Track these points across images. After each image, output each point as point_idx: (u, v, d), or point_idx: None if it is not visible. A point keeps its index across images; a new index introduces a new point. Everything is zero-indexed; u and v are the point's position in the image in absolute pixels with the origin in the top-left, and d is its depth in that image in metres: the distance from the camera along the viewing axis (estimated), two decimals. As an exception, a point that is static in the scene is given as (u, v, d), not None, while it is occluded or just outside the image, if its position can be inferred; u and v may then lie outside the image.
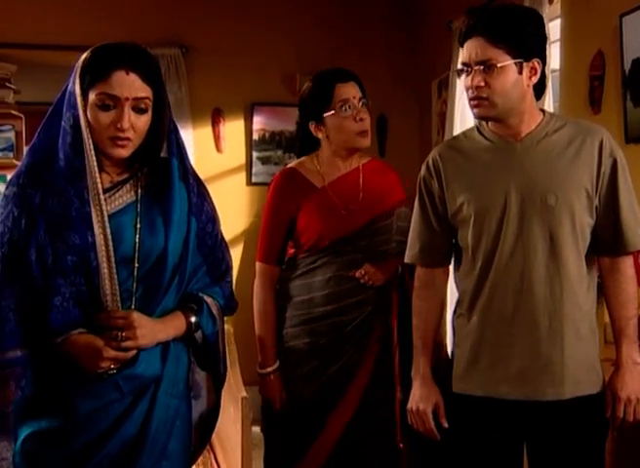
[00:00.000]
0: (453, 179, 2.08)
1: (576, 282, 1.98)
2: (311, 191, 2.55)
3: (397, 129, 5.17)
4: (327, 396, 2.50)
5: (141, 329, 1.76)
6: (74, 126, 1.78)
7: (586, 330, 2.00)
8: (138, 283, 1.81)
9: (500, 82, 1.94)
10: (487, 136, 2.06)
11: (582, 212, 1.98)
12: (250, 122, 5.05)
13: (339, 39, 5.05)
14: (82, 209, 1.77)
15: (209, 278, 1.94)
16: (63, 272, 1.74)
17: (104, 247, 1.77)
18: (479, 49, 1.95)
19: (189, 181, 1.90)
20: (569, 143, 1.99)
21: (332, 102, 2.52)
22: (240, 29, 4.98)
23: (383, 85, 4.99)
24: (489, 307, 2.02)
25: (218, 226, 1.98)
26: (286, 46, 5.00)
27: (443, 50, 4.50)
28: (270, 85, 5.01)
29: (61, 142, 1.79)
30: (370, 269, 2.50)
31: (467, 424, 2.08)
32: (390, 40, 5.16)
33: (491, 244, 2.01)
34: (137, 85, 1.77)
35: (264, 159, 5.05)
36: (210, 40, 4.96)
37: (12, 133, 4.86)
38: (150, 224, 1.83)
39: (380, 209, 2.57)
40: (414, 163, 5.21)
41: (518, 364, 1.99)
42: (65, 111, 1.80)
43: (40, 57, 4.98)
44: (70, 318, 1.75)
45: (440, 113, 4.73)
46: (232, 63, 4.98)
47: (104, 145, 1.78)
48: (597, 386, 2.01)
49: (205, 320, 1.88)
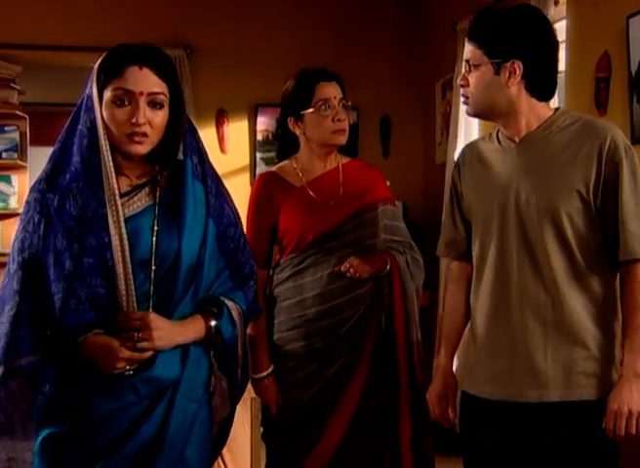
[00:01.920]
0: (466, 179, 2.14)
1: (565, 286, 1.94)
2: (290, 191, 2.56)
3: (401, 130, 5.17)
4: (325, 398, 2.50)
5: (158, 330, 1.75)
6: (91, 127, 1.79)
7: (586, 335, 1.95)
8: (155, 286, 1.80)
9: (475, 81, 2.00)
10: (499, 137, 2.09)
11: (575, 215, 1.94)
12: (254, 123, 5.05)
13: (343, 40, 5.06)
14: (98, 210, 1.77)
15: (232, 282, 1.93)
16: (80, 275, 1.74)
17: (120, 248, 1.76)
18: (467, 49, 2.04)
19: (207, 183, 1.88)
20: (569, 144, 1.97)
21: (312, 101, 2.53)
22: (244, 30, 4.99)
23: (387, 86, 5.01)
24: (478, 306, 2.07)
25: (240, 229, 1.96)
26: (290, 47, 4.99)
27: (448, 51, 4.50)
28: (274, 86, 4.93)
29: (78, 145, 1.80)
30: (354, 261, 2.48)
31: (466, 421, 2.11)
32: (395, 41, 5.16)
33: (480, 245, 2.07)
34: (151, 80, 1.78)
35: (268, 160, 5.03)
36: (214, 41, 4.97)
37: (16, 133, 4.87)
38: (167, 227, 1.82)
39: (361, 202, 2.57)
40: (417, 163, 5.26)
41: (502, 364, 2.00)
42: (83, 114, 1.81)
43: (44, 57, 4.99)
44: (85, 320, 1.75)
45: (444, 114, 4.74)
46: (236, 64, 4.98)
47: (122, 143, 1.78)
48: (595, 392, 1.94)
49: (225, 324, 1.86)
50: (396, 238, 2.64)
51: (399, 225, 2.68)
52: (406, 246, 2.65)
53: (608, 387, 1.93)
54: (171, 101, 1.81)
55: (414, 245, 2.70)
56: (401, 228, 2.68)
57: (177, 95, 1.83)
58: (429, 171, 5.08)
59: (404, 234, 2.68)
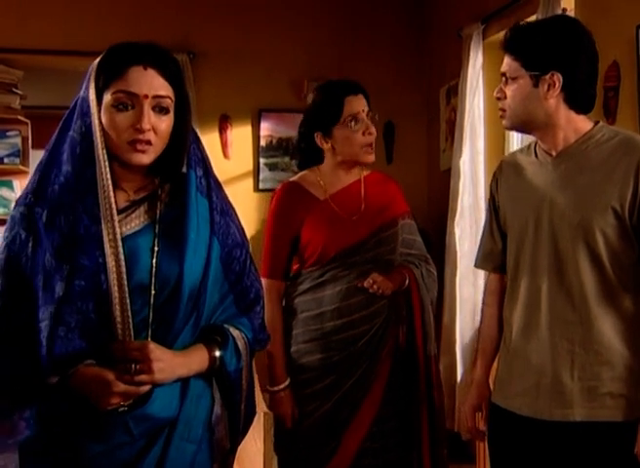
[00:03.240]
0: (503, 191, 2.12)
1: (595, 304, 1.91)
2: (314, 204, 2.55)
3: (405, 135, 5.15)
4: (342, 411, 2.50)
5: (158, 362, 1.55)
6: (85, 134, 1.59)
7: (614, 355, 1.91)
8: (154, 312, 1.60)
9: (512, 93, 1.97)
10: (536, 150, 2.07)
11: (609, 232, 1.90)
12: (257, 128, 5.02)
13: (347, 45, 5.04)
14: (91, 227, 1.58)
15: (236, 308, 1.73)
16: (70, 299, 1.55)
17: (116, 270, 1.57)
18: (505, 62, 2.01)
19: (212, 199, 1.69)
20: (606, 160, 1.94)
21: (341, 116, 2.52)
22: (248, 35, 4.97)
23: (391, 91, 4.98)
24: (511, 320, 2.06)
25: (246, 250, 1.77)
26: (294, 52, 4.98)
27: (452, 57, 4.49)
28: (278, 91, 4.99)
29: (70, 153, 1.60)
30: (378, 278, 2.50)
31: (495, 433, 2.11)
32: (399, 46, 5.14)
33: (514, 258, 2.05)
34: (156, 82, 1.59)
35: (272, 165, 5.03)
36: (217, 46, 4.94)
37: (18, 138, 4.85)
38: (168, 247, 1.62)
39: (383, 219, 2.58)
40: (421, 170, 5.24)
41: (530, 381, 1.98)
42: (76, 120, 1.61)
43: (46, 62, 4.98)
44: (75, 350, 1.55)
45: (449, 120, 4.72)
46: (240, 69, 4.96)
47: (122, 151, 1.59)
48: (621, 414, 1.90)
49: (229, 355, 1.66)
50: (412, 251, 2.65)
51: (416, 239, 2.69)
52: (421, 259, 2.67)
53: (636, 409, 1.89)
54: (176, 106, 1.63)
55: (429, 258, 2.72)
56: (417, 242, 2.69)
57: (182, 99, 1.65)
58: (433, 177, 5.06)
59: (420, 247, 2.70)
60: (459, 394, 4.07)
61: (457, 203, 4.20)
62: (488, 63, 4.19)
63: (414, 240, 2.69)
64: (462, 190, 4.18)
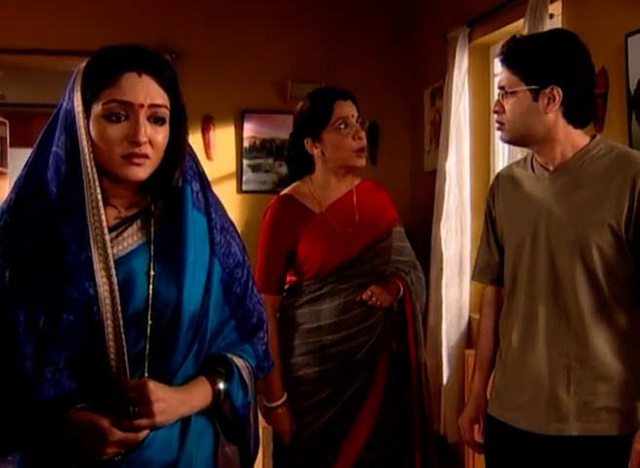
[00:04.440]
0: (500, 204, 2.13)
1: (590, 320, 1.92)
2: (310, 217, 2.53)
3: (389, 137, 5.15)
4: (340, 422, 2.50)
5: (159, 403, 1.40)
6: (71, 149, 1.44)
7: (610, 370, 1.92)
8: (151, 344, 1.45)
9: (511, 107, 1.97)
10: (533, 164, 2.07)
11: (606, 248, 1.90)
12: (240, 129, 4.99)
13: (332, 46, 5.02)
14: (80, 254, 1.41)
15: (238, 334, 1.59)
16: (56, 336, 1.39)
17: (110, 300, 1.42)
18: (502, 75, 2.01)
19: (211, 215, 1.55)
20: (602, 175, 1.94)
21: (330, 120, 2.51)
22: (231, 35, 4.93)
23: (376, 92, 4.98)
24: (507, 334, 2.07)
25: (247, 270, 1.63)
26: (278, 52, 4.95)
27: (437, 59, 4.49)
28: (261, 92, 4.97)
29: (53, 171, 1.45)
30: (376, 290, 2.50)
31: (491, 445, 2.12)
32: (384, 48, 5.13)
33: (511, 272, 2.06)
34: (152, 89, 1.45)
35: (255, 167, 5.00)
36: (200, 46, 4.90)
37: (-3, 139, 4.78)
38: (165, 270, 1.48)
39: (377, 229, 2.58)
40: (405, 171, 5.24)
41: (526, 395, 1.99)
42: (59, 135, 1.46)
43: (26, 61, 4.92)
44: (64, 392, 1.40)
45: (433, 122, 4.72)
46: (223, 70, 4.93)
47: (115, 167, 1.45)
48: (616, 428, 1.91)
49: (235, 388, 1.52)
50: (402, 258, 2.67)
51: (405, 245, 2.70)
52: (410, 265, 2.68)
53: (631, 423, 1.90)
54: (171, 116, 1.49)
55: (417, 263, 2.73)
56: (407, 248, 2.70)
57: (178, 108, 1.51)
58: (417, 178, 5.07)
59: (409, 253, 2.71)
60: (444, 396, 4.09)
61: (442, 205, 4.20)
62: (473, 67, 4.19)
63: (404, 247, 2.70)
64: (448, 193, 4.19)
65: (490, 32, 4.06)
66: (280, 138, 4.89)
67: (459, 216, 4.18)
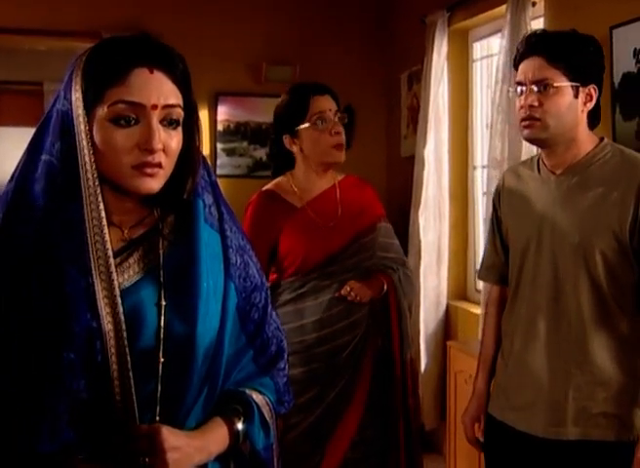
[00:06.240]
0: (505, 205, 2.12)
1: (591, 325, 1.93)
2: (291, 212, 2.51)
3: (365, 121, 5.08)
4: (325, 423, 2.50)
5: (173, 452, 1.23)
6: (68, 158, 1.24)
7: (609, 376, 1.92)
8: (163, 385, 1.27)
9: (555, 103, 1.93)
10: (539, 166, 2.05)
11: (609, 254, 1.90)
12: (214, 112, 4.89)
13: (308, 28, 4.92)
14: (80, 281, 1.23)
15: (255, 365, 1.41)
16: (54, 378, 1.21)
17: (114, 333, 1.23)
18: (537, 68, 1.94)
19: (226, 233, 1.36)
20: (608, 180, 1.93)
21: (307, 115, 2.47)
22: (203, 16, 4.80)
23: (352, 75, 4.91)
24: (510, 335, 2.08)
25: (265, 293, 1.45)
26: (252, 34, 4.84)
27: (415, 43, 4.42)
28: (235, 74, 4.86)
29: (46, 185, 1.25)
30: (355, 285, 2.48)
31: (491, 444, 2.14)
32: (360, 30, 5.04)
33: (516, 273, 2.06)
34: (166, 88, 1.26)
35: (229, 150, 4.91)
36: (171, 27, 4.72)
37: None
38: (177, 300, 1.29)
39: (360, 224, 2.56)
40: (381, 156, 5.19)
41: (526, 397, 2.00)
42: (53, 142, 1.25)
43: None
44: (64, 442, 1.21)
45: (410, 107, 4.67)
46: (196, 51, 4.74)
47: (125, 178, 1.26)
48: (614, 434, 1.92)
49: (256, 430, 1.35)
50: (389, 255, 2.65)
51: (393, 242, 2.69)
52: (398, 262, 2.66)
53: (628, 430, 1.91)
54: (184, 118, 1.30)
55: (406, 261, 2.72)
56: (395, 245, 2.69)
57: (190, 108, 1.32)
58: (393, 163, 5.02)
59: (397, 250, 2.70)
60: (422, 384, 4.09)
61: (420, 193, 4.17)
62: (452, 52, 4.15)
63: (391, 243, 2.68)
64: (427, 180, 4.15)
65: (469, 17, 4.00)
66: (255, 122, 4.82)
67: (437, 204, 4.16)
